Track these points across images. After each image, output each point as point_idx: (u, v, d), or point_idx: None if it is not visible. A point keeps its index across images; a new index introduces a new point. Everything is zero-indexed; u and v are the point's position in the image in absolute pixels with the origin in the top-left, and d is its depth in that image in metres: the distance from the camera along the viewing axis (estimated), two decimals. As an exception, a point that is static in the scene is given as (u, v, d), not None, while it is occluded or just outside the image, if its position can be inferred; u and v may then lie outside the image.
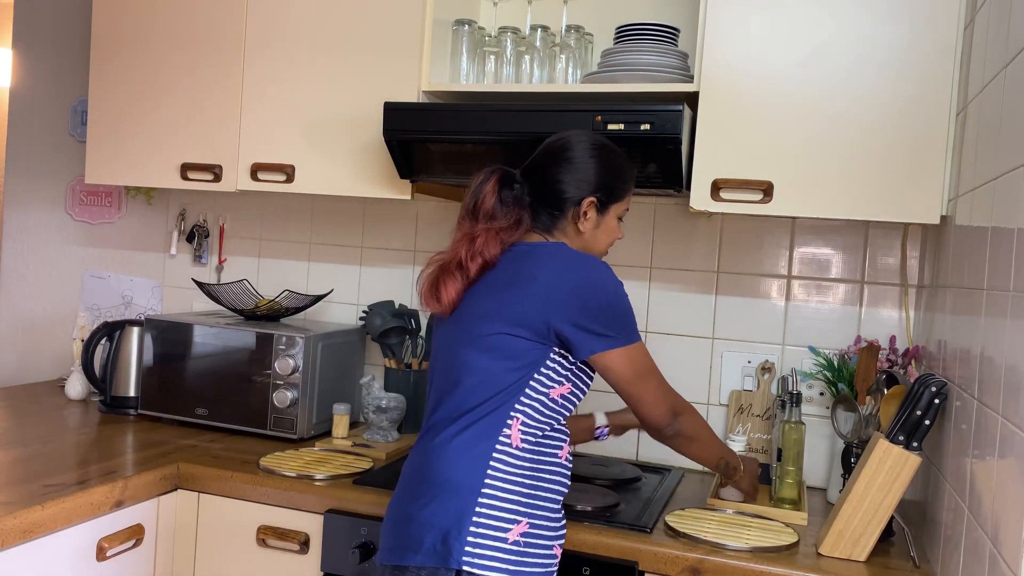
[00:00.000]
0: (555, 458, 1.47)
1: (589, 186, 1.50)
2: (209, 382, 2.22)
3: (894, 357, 1.93)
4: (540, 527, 1.41)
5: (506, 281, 1.45)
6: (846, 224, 2.07)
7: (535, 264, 1.44)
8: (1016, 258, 1.14)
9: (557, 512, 1.46)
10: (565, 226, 1.52)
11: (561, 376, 1.45)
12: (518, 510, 1.39)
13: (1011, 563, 1.05)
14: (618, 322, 1.44)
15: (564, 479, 1.48)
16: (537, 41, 2.06)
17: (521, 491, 1.40)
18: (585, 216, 1.50)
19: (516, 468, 1.40)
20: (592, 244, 1.55)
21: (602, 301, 1.43)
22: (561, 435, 1.49)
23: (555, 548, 1.44)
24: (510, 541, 1.37)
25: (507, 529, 1.37)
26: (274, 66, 2.17)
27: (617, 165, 1.53)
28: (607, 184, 1.51)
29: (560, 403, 1.46)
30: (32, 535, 1.54)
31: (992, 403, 1.22)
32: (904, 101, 1.69)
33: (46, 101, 2.85)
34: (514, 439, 1.41)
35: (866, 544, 1.58)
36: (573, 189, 1.50)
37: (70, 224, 2.85)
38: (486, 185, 1.50)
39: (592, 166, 1.50)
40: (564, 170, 1.50)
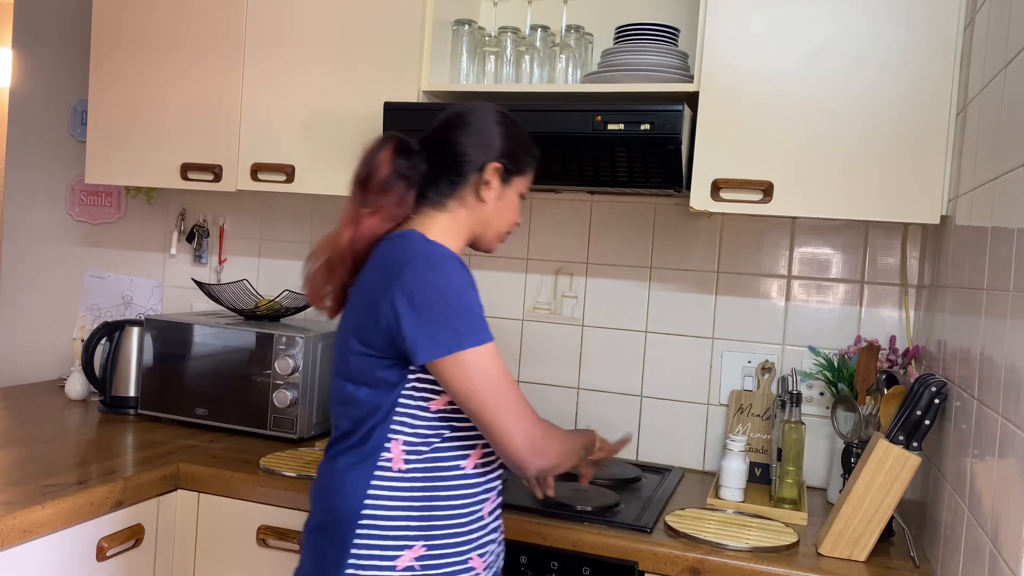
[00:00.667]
0: (456, 471, 1.34)
1: (494, 151, 1.39)
2: (209, 382, 2.22)
3: (894, 357, 1.93)
4: (443, 546, 1.32)
5: (359, 288, 1.34)
6: (846, 224, 2.07)
7: (371, 267, 1.34)
8: (1016, 258, 1.14)
9: (468, 524, 1.35)
10: (465, 195, 1.39)
11: (435, 385, 1.30)
12: (408, 535, 1.30)
13: (1011, 563, 1.05)
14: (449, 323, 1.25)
15: (474, 491, 1.36)
16: (537, 41, 2.06)
17: (411, 515, 1.30)
18: (488, 185, 1.39)
19: (402, 492, 1.30)
20: (493, 219, 1.42)
21: (431, 297, 1.26)
22: (462, 444, 1.35)
23: (472, 560, 1.35)
24: (400, 568, 1.29)
25: (395, 556, 1.29)
26: (274, 66, 2.17)
27: (523, 136, 1.44)
28: (512, 152, 1.40)
29: (446, 414, 1.32)
30: (32, 535, 1.54)
31: (992, 403, 1.22)
32: (904, 101, 1.69)
33: (46, 101, 2.85)
34: (395, 462, 1.30)
35: (866, 544, 1.58)
36: (476, 152, 1.38)
37: (70, 224, 2.85)
38: (380, 154, 1.37)
39: (497, 132, 1.40)
40: (467, 133, 1.39)
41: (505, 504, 1.73)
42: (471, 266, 2.36)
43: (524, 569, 1.66)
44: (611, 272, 2.25)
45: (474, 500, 1.36)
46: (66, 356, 2.81)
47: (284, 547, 1.82)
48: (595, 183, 1.92)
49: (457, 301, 1.26)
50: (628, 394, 2.24)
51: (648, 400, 2.22)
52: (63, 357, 2.82)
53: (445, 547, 1.32)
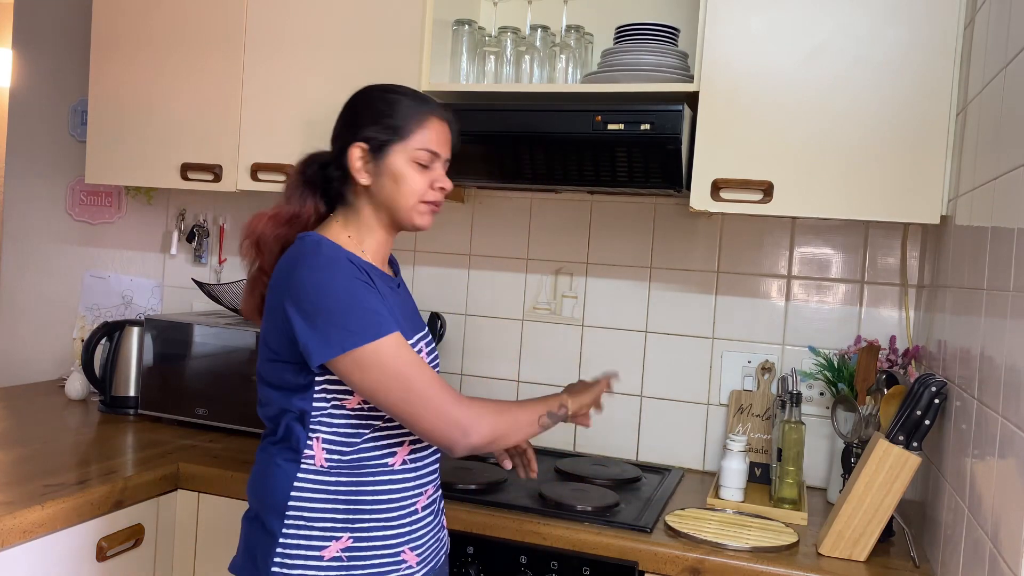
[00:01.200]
0: (383, 468, 1.34)
1: (353, 131, 1.36)
2: (209, 382, 2.22)
3: (894, 357, 1.93)
4: (371, 539, 1.33)
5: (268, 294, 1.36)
6: (846, 224, 2.07)
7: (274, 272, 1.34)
8: (1016, 258, 1.14)
9: (400, 519, 1.35)
10: (355, 186, 1.38)
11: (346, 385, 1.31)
12: (335, 527, 1.32)
13: (1011, 563, 1.05)
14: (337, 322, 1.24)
15: (404, 486, 1.36)
16: (537, 41, 2.06)
17: (336, 507, 1.32)
18: (363, 165, 1.35)
19: (326, 485, 1.32)
20: (390, 196, 1.37)
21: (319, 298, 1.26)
22: (387, 442, 1.35)
23: (404, 554, 1.35)
24: (327, 558, 1.31)
25: (321, 547, 1.31)
26: (274, 66, 2.17)
27: (393, 100, 1.37)
28: (377, 123, 1.35)
29: (364, 412, 1.33)
30: (32, 535, 1.54)
31: (992, 403, 1.22)
32: (904, 101, 1.69)
33: (46, 101, 2.85)
34: (318, 459, 1.32)
35: (866, 544, 1.58)
36: (340, 140, 1.37)
37: (70, 224, 2.85)
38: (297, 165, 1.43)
39: (357, 111, 1.37)
40: (339, 121, 1.39)
41: (505, 504, 1.74)
42: (471, 265, 2.37)
43: (524, 569, 1.66)
44: (611, 272, 2.25)
45: (404, 495, 1.37)
46: (66, 356, 2.81)
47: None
48: (595, 183, 1.92)
49: (344, 300, 1.25)
50: (628, 394, 2.24)
51: (648, 400, 2.22)
52: (63, 357, 2.82)
53: (373, 539, 1.33)
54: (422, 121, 1.37)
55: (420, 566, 1.39)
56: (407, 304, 1.48)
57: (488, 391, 2.34)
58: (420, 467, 1.40)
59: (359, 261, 1.33)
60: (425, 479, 1.41)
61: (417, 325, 1.47)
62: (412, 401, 1.26)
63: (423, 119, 1.37)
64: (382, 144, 1.35)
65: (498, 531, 1.68)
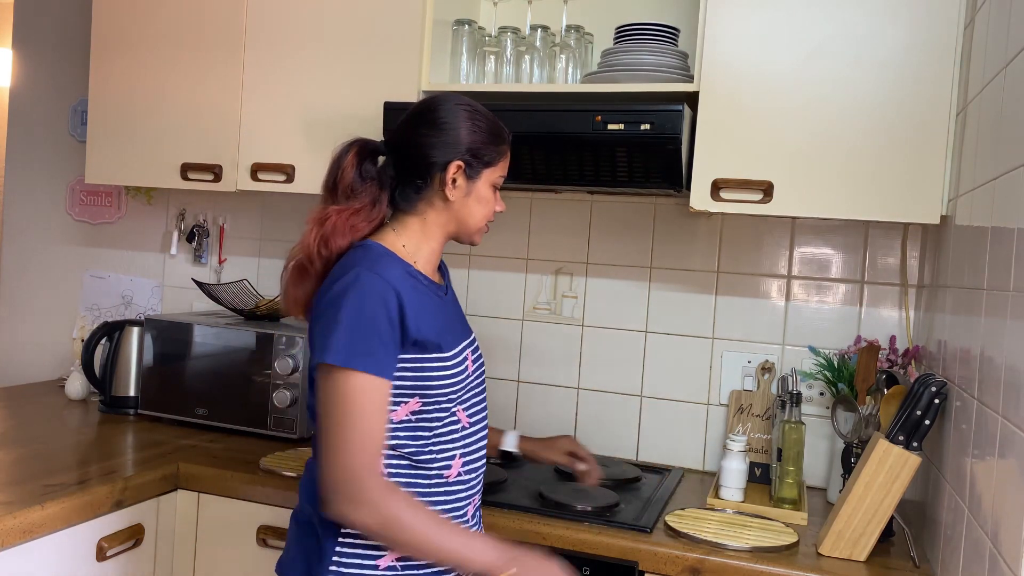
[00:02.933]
0: (438, 481, 1.34)
1: (457, 149, 1.35)
2: (209, 382, 2.22)
3: (894, 357, 1.93)
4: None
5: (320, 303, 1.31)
6: (846, 224, 2.07)
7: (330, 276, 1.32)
8: (1016, 258, 1.14)
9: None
10: (432, 197, 1.38)
11: (393, 394, 1.29)
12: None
13: (1011, 563, 1.05)
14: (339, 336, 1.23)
15: (457, 496, 1.36)
16: (537, 41, 2.06)
17: None
18: (454, 183, 1.36)
19: None
20: (466, 216, 1.40)
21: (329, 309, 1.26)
22: (445, 453, 1.35)
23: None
24: (383, 567, 1.30)
25: (377, 556, 1.30)
26: (274, 66, 2.17)
27: (487, 126, 1.39)
28: (477, 146, 1.37)
29: (416, 422, 1.32)
30: (32, 535, 1.54)
31: (992, 403, 1.22)
32: (904, 101, 1.69)
33: (46, 101, 2.85)
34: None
35: (866, 544, 1.58)
36: (439, 152, 1.35)
37: (70, 224, 2.85)
38: (345, 158, 1.36)
39: (459, 126, 1.36)
40: (429, 132, 1.36)
41: (505, 504, 1.74)
42: (471, 265, 2.37)
43: (524, 569, 1.66)
44: (611, 272, 2.25)
45: (457, 505, 1.37)
46: (66, 356, 2.80)
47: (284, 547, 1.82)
48: (595, 183, 1.92)
49: (358, 319, 1.24)
50: (628, 394, 2.24)
51: (648, 400, 2.22)
52: (63, 357, 2.82)
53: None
54: (505, 150, 1.43)
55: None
56: (454, 310, 1.47)
57: (488, 391, 2.33)
58: (472, 477, 1.40)
59: (413, 270, 1.35)
60: (475, 487, 1.41)
61: (463, 331, 1.46)
62: (333, 439, 1.24)
63: (506, 147, 1.43)
64: (477, 166, 1.38)
65: (498, 531, 1.68)
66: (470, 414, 1.40)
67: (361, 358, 1.23)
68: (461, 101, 1.39)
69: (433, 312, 1.35)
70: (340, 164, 1.37)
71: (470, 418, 1.40)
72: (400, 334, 1.28)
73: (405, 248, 1.38)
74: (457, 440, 1.37)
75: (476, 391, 1.44)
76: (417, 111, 1.40)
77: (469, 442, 1.40)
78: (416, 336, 1.29)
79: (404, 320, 1.27)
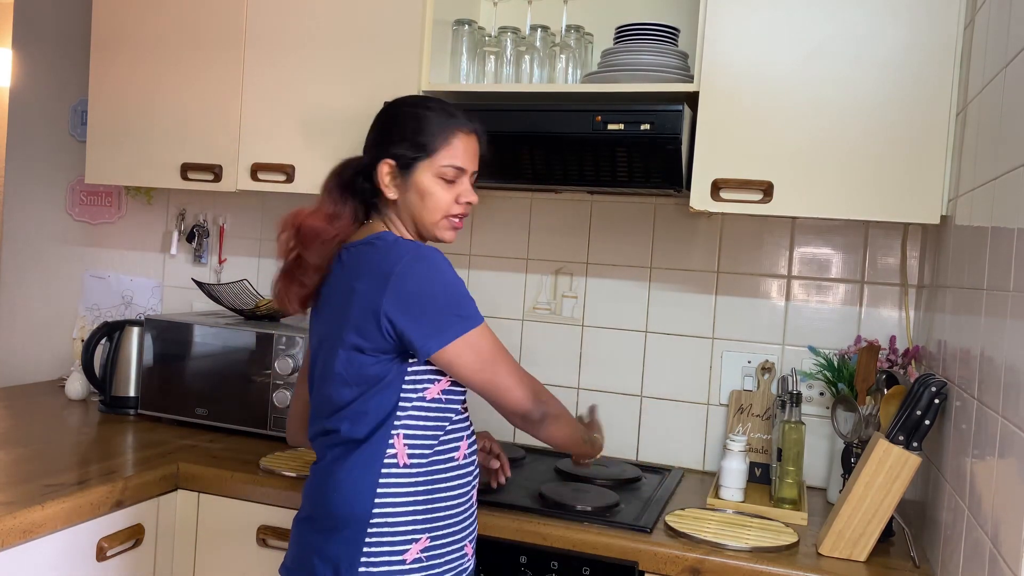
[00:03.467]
0: (451, 463, 1.39)
1: (381, 148, 1.39)
2: (209, 382, 2.22)
3: (894, 357, 1.93)
4: (443, 536, 1.37)
5: (337, 295, 1.37)
6: (846, 224, 2.07)
7: (354, 271, 1.35)
8: (1016, 258, 1.14)
9: (462, 514, 1.41)
10: (384, 198, 1.42)
11: (429, 374, 1.35)
12: (415, 529, 1.34)
13: (1011, 563, 1.05)
14: (449, 311, 1.31)
15: (464, 478, 1.41)
16: (537, 41, 2.06)
17: (416, 509, 1.34)
18: (385, 184, 1.39)
19: (408, 488, 1.34)
20: (416, 212, 1.41)
21: (424, 293, 1.30)
22: (455, 434, 1.40)
23: (466, 547, 1.41)
24: (409, 561, 1.33)
25: (404, 551, 1.33)
26: (274, 66, 2.17)
27: (424, 117, 1.39)
28: (406, 140, 1.38)
29: (444, 400, 1.37)
30: (32, 535, 1.54)
31: (992, 403, 1.22)
32: (904, 101, 1.69)
33: (46, 101, 2.85)
34: (400, 458, 1.33)
35: (866, 544, 1.58)
36: (369, 154, 1.40)
37: (70, 224, 2.85)
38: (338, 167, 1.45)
39: (388, 125, 1.40)
40: (370, 134, 1.42)
41: (505, 504, 1.74)
42: (471, 265, 2.37)
43: (524, 569, 1.66)
44: (611, 272, 2.25)
45: (466, 488, 1.42)
46: (66, 356, 2.80)
47: (284, 547, 1.81)
48: (595, 183, 1.92)
49: (451, 290, 1.32)
50: (628, 394, 2.24)
51: (648, 400, 2.22)
52: (63, 357, 2.82)
53: (446, 536, 1.38)
54: (448, 137, 1.40)
55: (472, 557, 1.44)
56: None
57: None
58: (474, 458, 1.46)
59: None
60: (476, 468, 1.46)
61: None
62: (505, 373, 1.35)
63: (449, 135, 1.40)
64: (409, 161, 1.38)
65: (498, 531, 1.68)
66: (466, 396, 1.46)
67: (476, 314, 1.34)
68: (406, 99, 1.44)
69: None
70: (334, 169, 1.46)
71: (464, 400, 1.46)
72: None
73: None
74: (464, 420, 1.44)
75: None
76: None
77: (468, 423, 1.47)
78: None
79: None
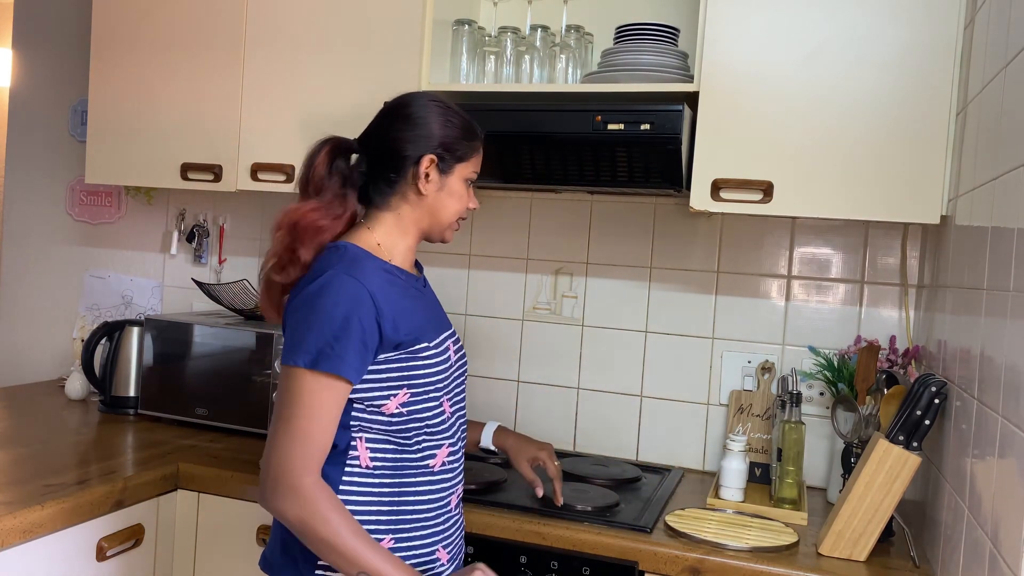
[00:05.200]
0: (424, 470, 1.36)
1: (429, 143, 1.37)
2: (209, 382, 2.22)
3: (894, 357, 1.93)
4: (410, 539, 1.35)
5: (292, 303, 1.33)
6: (846, 224, 2.07)
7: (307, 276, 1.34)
8: (1016, 258, 1.14)
9: (435, 519, 1.38)
10: (406, 191, 1.39)
11: (383, 387, 1.31)
12: (379, 529, 1.33)
13: (1011, 563, 1.05)
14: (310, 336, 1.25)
15: (440, 485, 1.38)
16: (537, 41, 2.06)
17: (380, 509, 1.33)
18: (427, 177, 1.38)
19: (371, 488, 1.33)
20: (439, 211, 1.41)
21: (300, 309, 1.29)
22: (431, 443, 1.37)
23: (438, 552, 1.38)
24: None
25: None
26: (274, 66, 2.17)
27: (460, 122, 1.41)
28: (449, 141, 1.38)
29: (407, 414, 1.33)
30: (32, 535, 1.54)
31: (992, 403, 1.22)
32: (904, 101, 1.69)
33: (46, 101, 2.85)
34: (363, 460, 1.33)
35: (866, 544, 1.58)
36: (412, 147, 1.37)
37: (70, 224, 2.85)
38: (318, 156, 1.38)
39: (431, 121, 1.38)
40: (403, 127, 1.38)
41: (505, 504, 1.74)
42: (471, 265, 2.36)
43: (524, 569, 1.66)
44: (611, 272, 2.25)
45: (441, 495, 1.40)
46: (66, 356, 2.80)
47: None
48: (595, 183, 1.92)
49: (330, 322, 1.25)
50: (628, 394, 2.24)
51: (648, 400, 2.22)
52: (63, 357, 2.82)
53: (413, 539, 1.36)
54: (478, 146, 1.44)
55: (449, 563, 1.41)
56: (432, 303, 1.49)
57: (488, 391, 2.34)
58: (456, 466, 1.43)
59: (389, 267, 1.37)
60: (458, 476, 1.44)
61: (442, 324, 1.47)
62: (281, 434, 1.25)
63: (478, 144, 1.44)
64: (449, 161, 1.39)
65: (498, 531, 1.68)
66: (453, 404, 1.43)
67: (328, 361, 1.25)
68: (434, 98, 1.42)
69: (412, 307, 1.37)
70: (312, 161, 1.38)
71: (452, 408, 1.42)
72: (378, 337, 1.29)
73: (380, 246, 1.39)
74: (443, 431, 1.39)
75: (458, 382, 1.46)
76: (390, 108, 1.43)
77: (452, 431, 1.42)
78: (395, 338, 1.31)
79: (381, 323, 1.29)
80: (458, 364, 1.46)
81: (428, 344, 1.36)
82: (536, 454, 1.71)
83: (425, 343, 1.35)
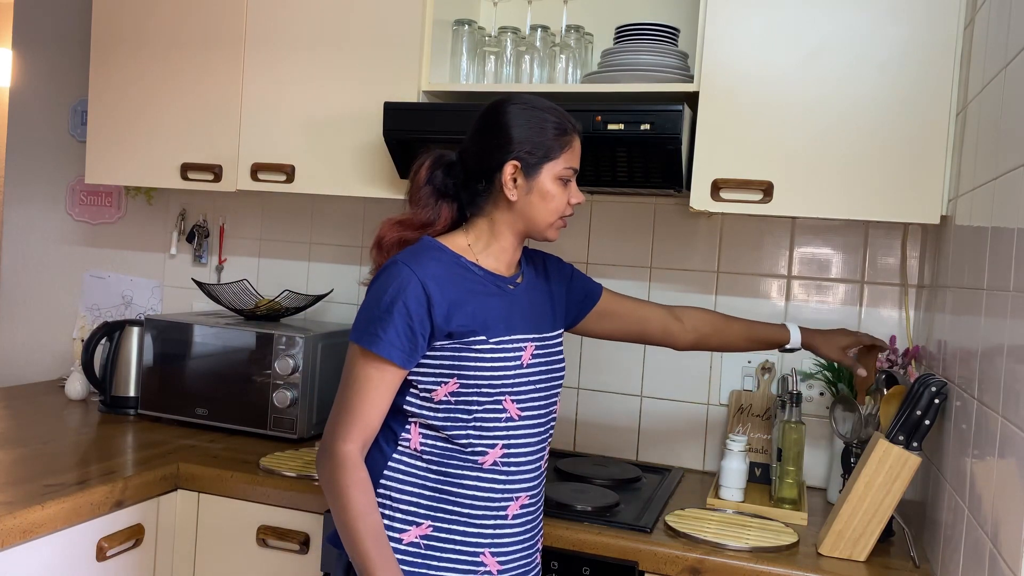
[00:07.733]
0: (471, 463, 1.37)
1: (509, 148, 1.38)
2: (209, 382, 2.22)
3: (894, 357, 1.93)
4: (450, 531, 1.36)
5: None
6: (846, 224, 2.07)
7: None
8: (1016, 258, 1.14)
9: (484, 520, 1.37)
10: (497, 197, 1.41)
11: (434, 373, 1.36)
12: (417, 512, 1.36)
13: (1011, 563, 1.05)
14: (361, 317, 1.36)
15: (490, 486, 1.38)
16: (537, 41, 2.06)
17: (422, 493, 1.36)
18: (514, 183, 1.38)
19: (416, 470, 1.37)
20: (532, 214, 1.41)
21: (366, 294, 1.39)
22: (479, 441, 1.37)
23: (483, 556, 1.37)
24: (406, 542, 1.35)
25: (403, 530, 1.35)
26: (274, 66, 2.17)
27: (544, 119, 1.39)
28: (531, 142, 1.38)
29: (453, 402, 1.36)
30: (32, 535, 1.54)
31: (992, 403, 1.22)
32: (904, 101, 1.69)
33: (46, 101, 2.85)
34: (413, 442, 1.38)
35: (866, 544, 1.58)
36: (494, 155, 1.38)
37: (70, 224, 2.85)
38: (419, 169, 1.44)
39: (511, 126, 1.38)
40: (485, 136, 1.40)
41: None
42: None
43: (524, 569, 1.66)
44: (611, 272, 2.25)
45: (492, 496, 1.38)
46: (66, 356, 2.80)
47: (284, 547, 1.82)
48: (595, 183, 1.92)
49: (377, 305, 1.34)
50: (628, 394, 2.24)
51: (648, 400, 2.22)
52: (63, 357, 2.82)
53: (453, 532, 1.36)
54: (568, 140, 1.41)
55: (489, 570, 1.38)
56: (520, 304, 1.45)
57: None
58: (513, 472, 1.39)
59: (466, 263, 1.40)
60: (517, 485, 1.40)
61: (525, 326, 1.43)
62: (336, 403, 1.37)
63: (569, 138, 1.41)
64: (535, 163, 1.39)
65: (498, 531, 1.68)
66: (523, 407, 1.40)
67: (369, 338, 1.32)
68: (518, 100, 1.42)
69: (478, 302, 1.38)
70: (414, 173, 1.45)
71: (522, 411, 1.40)
72: (429, 324, 1.34)
73: (471, 247, 1.43)
74: (500, 429, 1.38)
75: (536, 387, 1.43)
76: (478, 117, 1.45)
77: (517, 434, 1.40)
78: (446, 327, 1.34)
79: (432, 311, 1.33)
80: (538, 370, 1.43)
81: (486, 338, 1.36)
82: (848, 342, 1.73)
83: (483, 336, 1.36)
